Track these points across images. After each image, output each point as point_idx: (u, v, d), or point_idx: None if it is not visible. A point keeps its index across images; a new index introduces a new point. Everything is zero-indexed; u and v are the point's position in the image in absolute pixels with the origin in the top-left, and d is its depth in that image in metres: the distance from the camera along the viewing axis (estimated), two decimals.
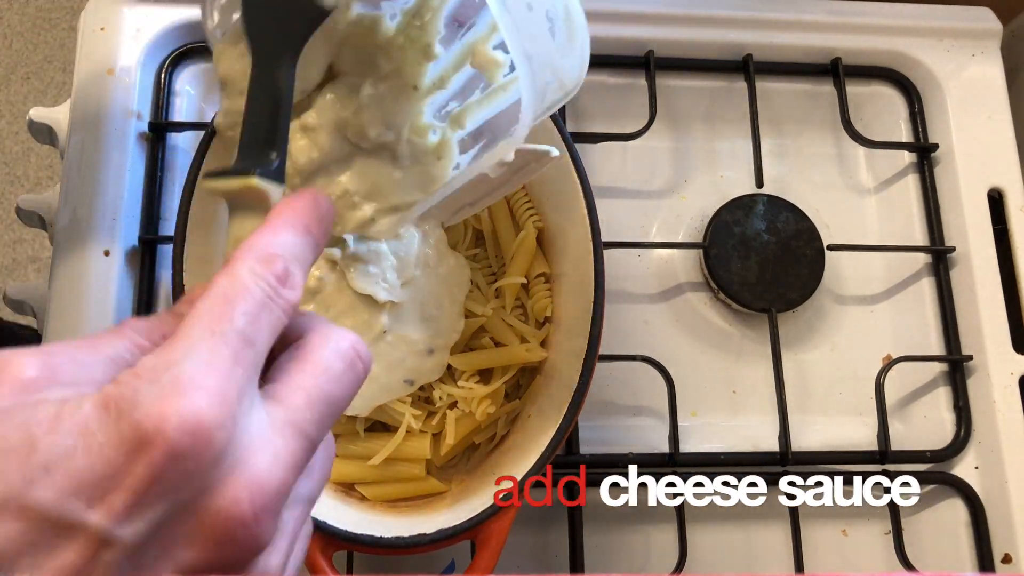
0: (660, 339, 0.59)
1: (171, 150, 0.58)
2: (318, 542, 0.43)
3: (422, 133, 0.38)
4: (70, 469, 0.21)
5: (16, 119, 1.37)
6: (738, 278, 0.58)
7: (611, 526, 0.55)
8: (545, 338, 0.52)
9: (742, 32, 0.64)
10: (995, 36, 0.66)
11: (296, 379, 0.26)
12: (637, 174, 0.63)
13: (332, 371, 0.26)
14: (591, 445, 0.55)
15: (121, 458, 0.21)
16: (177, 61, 0.60)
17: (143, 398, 0.22)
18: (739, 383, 0.59)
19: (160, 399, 0.22)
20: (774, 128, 0.65)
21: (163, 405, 0.22)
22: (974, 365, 0.59)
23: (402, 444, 0.49)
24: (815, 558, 0.55)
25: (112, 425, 0.22)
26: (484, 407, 0.49)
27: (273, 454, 0.24)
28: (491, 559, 0.43)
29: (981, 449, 0.58)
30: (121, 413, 0.22)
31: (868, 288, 0.62)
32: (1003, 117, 0.64)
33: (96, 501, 0.21)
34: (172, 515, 0.22)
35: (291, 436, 0.25)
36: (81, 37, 0.58)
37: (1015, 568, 0.54)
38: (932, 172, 0.63)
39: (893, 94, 0.66)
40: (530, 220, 0.53)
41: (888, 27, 0.65)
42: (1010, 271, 0.61)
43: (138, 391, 0.22)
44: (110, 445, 0.21)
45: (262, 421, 0.24)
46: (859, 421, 0.59)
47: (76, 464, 0.21)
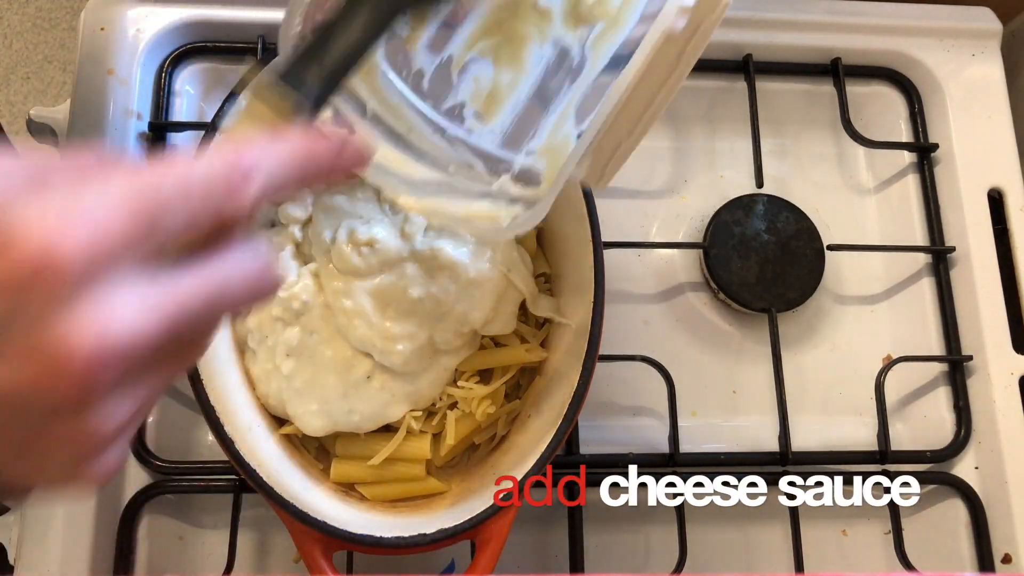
0: (660, 339, 0.59)
1: (171, 150, 0.58)
2: (318, 542, 0.44)
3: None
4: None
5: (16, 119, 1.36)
6: (738, 278, 0.58)
7: (611, 526, 0.55)
8: (545, 338, 0.52)
9: (742, 32, 0.64)
10: (995, 36, 0.66)
11: (196, 272, 0.25)
12: (637, 174, 0.63)
13: (231, 282, 0.26)
14: (591, 445, 0.55)
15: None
16: (177, 61, 0.60)
17: (26, 216, 0.22)
18: (739, 383, 0.59)
19: (37, 219, 0.22)
20: (774, 128, 0.65)
21: (35, 224, 0.22)
22: (974, 365, 0.59)
23: (402, 444, 0.49)
24: (815, 558, 0.55)
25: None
26: (484, 407, 0.49)
27: (132, 322, 0.23)
28: (491, 559, 0.43)
29: (981, 449, 0.58)
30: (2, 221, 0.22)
31: (868, 288, 0.62)
32: (1003, 117, 0.64)
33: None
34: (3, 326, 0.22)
35: (159, 315, 0.24)
36: (81, 37, 0.58)
37: (1015, 568, 0.54)
38: (932, 172, 0.63)
39: (893, 94, 0.66)
40: None
41: (888, 27, 0.65)
42: (1010, 271, 0.61)
43: (27, 209, 0.22)
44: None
45: (138, 291, 0.24)
46: (859, 421, 0.59)
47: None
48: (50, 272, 0.22)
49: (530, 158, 0.39)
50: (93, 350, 0.22)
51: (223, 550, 0.51)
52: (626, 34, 0.36)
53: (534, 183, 0.39)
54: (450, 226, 0.39)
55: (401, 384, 0.48)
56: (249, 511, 0.52)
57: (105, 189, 0.23)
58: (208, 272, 0.26)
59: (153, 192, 0.24)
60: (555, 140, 0.39)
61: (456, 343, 0.49)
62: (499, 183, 0.39)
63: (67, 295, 0.22)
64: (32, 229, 0.22)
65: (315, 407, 0.48)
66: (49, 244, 0.22)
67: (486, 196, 0.39)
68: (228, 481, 0.52)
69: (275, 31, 0.58)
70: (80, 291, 0.22)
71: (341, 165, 0.30)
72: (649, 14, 0.35)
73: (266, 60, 0.47)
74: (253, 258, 0.27)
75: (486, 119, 0.41)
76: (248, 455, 0.43)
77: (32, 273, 0.22)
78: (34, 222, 0.22)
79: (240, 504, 0.51)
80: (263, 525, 0.53)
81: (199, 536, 0.53)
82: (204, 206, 0.25)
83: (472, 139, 0.40)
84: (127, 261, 0.23)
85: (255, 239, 0.27)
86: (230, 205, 0.25)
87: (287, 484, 0.44)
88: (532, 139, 0.40)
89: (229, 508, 0.51)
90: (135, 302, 0.23)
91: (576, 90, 0.38)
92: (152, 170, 0.24)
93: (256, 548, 0.53)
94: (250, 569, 0.52)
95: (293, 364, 0.48)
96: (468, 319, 0.48)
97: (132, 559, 0.52)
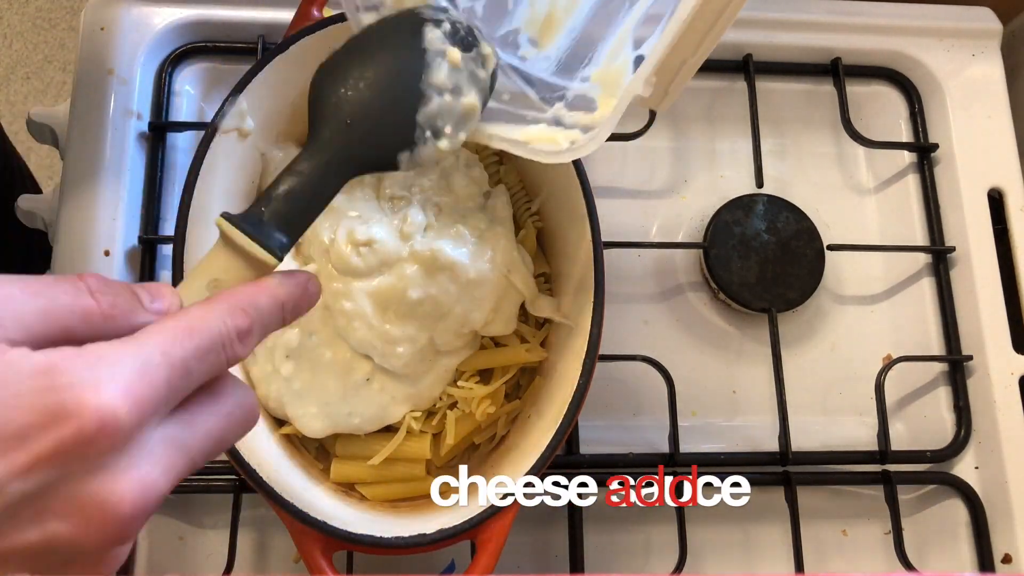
0: (660, 339, 0.59)
1: (171, 150, 0.58)
2: (318, 542, 0.44)
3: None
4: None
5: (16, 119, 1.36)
6: (738, 278, 0.58)
7: (611, 526, 0.55)
8: (545, 338, 0.52)
9: (742, 32, 0.64)
10: (995, 36, 0.66)
11: (203, 416, 0.29)
12: (637, 174, 0.63)
13: (233, 417, 0.30)
14: (591, 445, 0.55)
15: (36, 423, 0.24)
16: (177, 61, 0.59)
17: (77, 380, 0.24)
18: (739, 383, 0.59)
19: (91, 386, 0.24)
20: (774, 128, 0.65)
21: (90, 392, 0.24)
22: (974, 365, 0.59)
23: (402, 444, 0.49)
24: (815, 558, 0.55)
25: (40, 392, 0.24)
26: (484, 407, 0.49)
27: (165, 468, 0.27)
28: (491, 559, 0.43)
29: (981, 449, 0.58)
30: (54, 386, 0.24)
31: (868, 288, 0.62)
32: (1003, 117, 0.64)
33: (2, 452, 0.24)
34: (58, 486, 0.24)
35: (184, 459, 0.28)
36: (81, 37, 0.58)
37: (1015, 568, 0.54)
38: (932, 172, 0.63)
39: (893, 94, 0.66)
40: (530, 220, 0.53)
41: (888, 27, 0.65)
42: (1010, 271, 0.61)
43: (75, 372, 0.25)
44: (32, 410, 0.24)
45: (165, 438, 0.27)
46: (859, 421, 0.59)
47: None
48: (105, 438, 0.24)
49: (585, 84, 0.39)
50: (138, 502, 0.25)
51: (223, 550, 0.51)
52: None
53: (589, 110, 0.39)
54: (510, 150, 0.39)
55: (401, 386, 0.48)
56: (249, 511, 0.52)
57: (141, 351, 0.26)
58: (215, 415, 0.29)
59: (181, 352, 0.27)
60: (612, 66, 0.39)
61: (456, 344, 0.49)
62: (553, 110, 0.39)
63: (116, 455, 0.25)
64: (89, 399, 0.24)
65: (315, 409, 0.48)
66: (106, 414, 0.24)
67: (541, 123, 0.38)
68: (228, 481, 0.52)
69: (275, 31, 0.59)
70: (126, 450, 0.25)
71: (309, 300, 0.34)
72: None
73: (266, 59, 0.47)
74: (244, 393, 0.31)
75: (541, 45, 0.41)
76: (248, 455, 0.43)
77: (90, 441, 0.24)
78: (89, 390, 0.24)
79: (240, 504, 0.51)
80: (263, 525, 0.53)
81: (199, 536, 0.53)
82: (220, 360, 0.29)
83: (525, 66, 0.40)
84: (160, 416, 0.27)
85: (235, 379, 0.31)
86: (240, 353, 0.30)
87: (287, 484, 0.44)
88: (587, 65, 0.40)
89: (229, 508, 0.51)
90: (167, 451, 0.27)
91: (633, 16, 0.38)
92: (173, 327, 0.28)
93: (256, 548, 0.53)
94: (250, 569, 0.52)
95: (292, 366, 0.48)
96: (468, 320, 0.48)
97: (132, 559, 0.52)
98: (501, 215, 0.51)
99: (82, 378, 0.24)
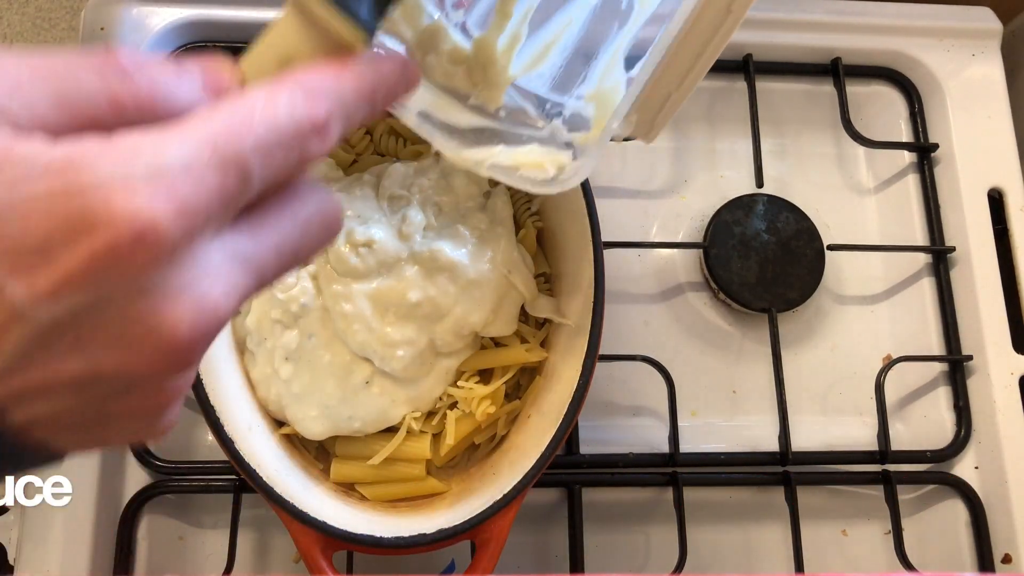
0: (660, 339, 0.59)
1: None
2: (318, 542, 0.44)
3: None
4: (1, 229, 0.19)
5: None
6: (738, 278, 0.58)
7: (611, 526, 0.55)
8: (545, 338, 0.52)
9: (742, 32, 0.63)
10: (995, 36, 0.66)
11: (272, 224, 0.24)
12: (637, 174, 0.63)
13: (310, 227, 0.25)
14: (591, 445, 0.55)
15: (58, 236, 0.19)
16: None
17: (106, 178, 0.19)
18: (739, 383, 0.59)
19: (122, 189, 0.19)
20: (774, 128, 0.65)
21: (121, 196, 0.19)
22: (974, 365, 0.59)
23: (402, 444, 0.49)
24: (815, 558, 0.55)
25: (59, 197, 0.19)
26: (484, 407, 0.49)
27: (228, 287, 0.22)
28: (491, 559, 0.43)
29: (981, 449, 0.58)
30: (76, 187, 0.19)
31: (868, 288, 0.62)
32: (1003, 117, 0.64)
33: (20, 272, 0.19)
34: (96, 310, 0.20)
35: (250, 276, 0.23)
36: (81, 37, 0.58)
37: (1015, 568, 0.54)
38: (932, 172, 0.63)
39: (893, 94, 0.66)
40: (530, 220, 0.53)
41: (888, 27, 0.65)
42: (1010, 271, 0.61)
43: (102, 169, 0.19)
44: (51, 217, 0.19)
45: (224, 251, 0.22)
46: (859, 421, 0.59)
47: (9, 227, 0.19)
48: (145, 252, 0.20)
49: (579, 102, 0.39)
50: (195, 324, 0.21)
51: (223, 550, 0.51)
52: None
53: (584, 129, 0.38)
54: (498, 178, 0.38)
55: (401, 389, 0.48)
56: (249, 511, 0.52)
57: (187, 140, 0.21)
58: (288, 223, 0.24)
59: (238, 145, 0.21)
60: (604, 86, 0.38)
61: (457, 345, 0.49)
62: (551, 126, 0.39)
63: (163, 270, 0.20)
64: (120, 204, 0.19)
65: (315, 412, 0.48)
66: (144, 223, 0.19)
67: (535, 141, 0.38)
68: (228, 481, 0.52)
69: None
70: (175, 263, 0.21)
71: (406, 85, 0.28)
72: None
73: None
74: (324, 199, 0.25)
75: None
76: (248, 455, 0.43)
77: (126, 256, 0.19)
78: (119, 193, 0.19)
79: (240, 504, 0.51)
80: (263, 525, 0.53)
81: (199, 536, 0.53)
82: (291, 157, 0.23)
83: (522, 81, 0.40)
84: (216, 223, 0.21)
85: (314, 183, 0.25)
86: (317, 149, 0.23)
87: (287, 484, 0.44)
88: (582, 84, 0.39)
89: (229, 508, 0.51)
90: (229, 267, 0.22)
91: (624, 36, 0.38)
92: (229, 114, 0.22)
93: (256, 548, 0.53)
94: (250, 569, 0.52)
95: (291, 369, 0.48)
96: (468, 321, 0.48)
97: (132, 559, 0.52)
98: (501, 215, 0.51)
99: (111, 176, 0.19)
